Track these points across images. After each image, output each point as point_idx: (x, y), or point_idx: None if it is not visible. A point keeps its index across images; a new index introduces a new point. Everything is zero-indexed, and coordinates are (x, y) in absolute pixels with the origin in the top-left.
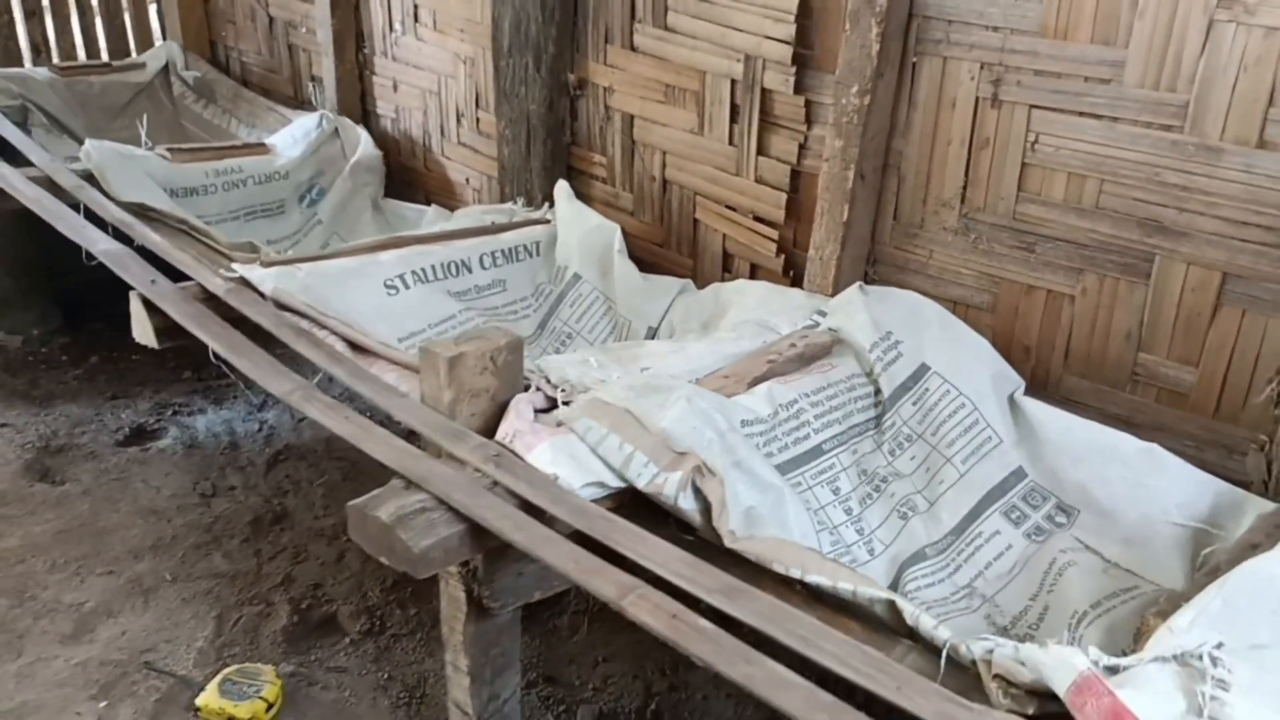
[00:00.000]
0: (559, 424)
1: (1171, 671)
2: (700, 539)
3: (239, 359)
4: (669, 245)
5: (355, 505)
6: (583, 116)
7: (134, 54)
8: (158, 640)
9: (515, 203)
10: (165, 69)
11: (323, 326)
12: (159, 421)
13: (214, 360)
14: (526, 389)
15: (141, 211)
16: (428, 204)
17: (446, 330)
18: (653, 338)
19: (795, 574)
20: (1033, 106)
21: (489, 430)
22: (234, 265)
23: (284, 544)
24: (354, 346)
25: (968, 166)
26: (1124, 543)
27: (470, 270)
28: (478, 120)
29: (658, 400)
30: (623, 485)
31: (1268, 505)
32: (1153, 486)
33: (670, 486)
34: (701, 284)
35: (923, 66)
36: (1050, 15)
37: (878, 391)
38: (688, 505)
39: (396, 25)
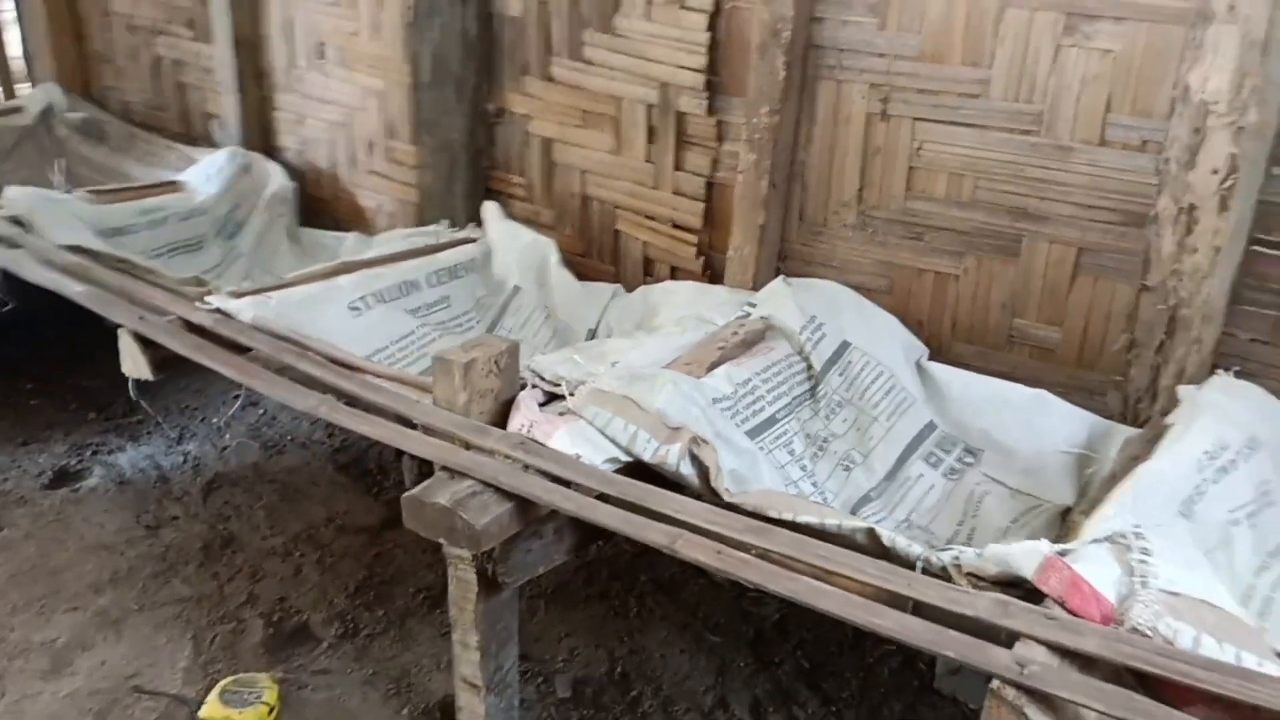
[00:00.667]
0: (563, 413)
1: (1107, 548)
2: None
3: (254, 381)
4: (591, 255)
5: (411, 496)
6: (501, 142)
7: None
8: (139, 666)
9: (441, 225)
10: (46, 111)
11: (306, 349)
12: (80, 462)
13: (133, 395)
14: (523, 388)
15: (79, 252)
16: (337, 231)
17: (407, 346)
18: (591, 339)
19: (788, 517)
20: (916, 119)
21: (497, 425)
22: (208, 298)
23: (239, 565)
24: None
25: (863, 172)
26: (1023, 473)
27: (420, 289)
28: (390, 149)
29: (647, 386)
30: (630, 460)
31: (1130, 430)
32: (1042, 425)
33: (672, 457)
34: (628, 288)
35: (821, 89)
36: (927, 43)
37: (810, 367)
38: (688, 471)
39: (300, 62)
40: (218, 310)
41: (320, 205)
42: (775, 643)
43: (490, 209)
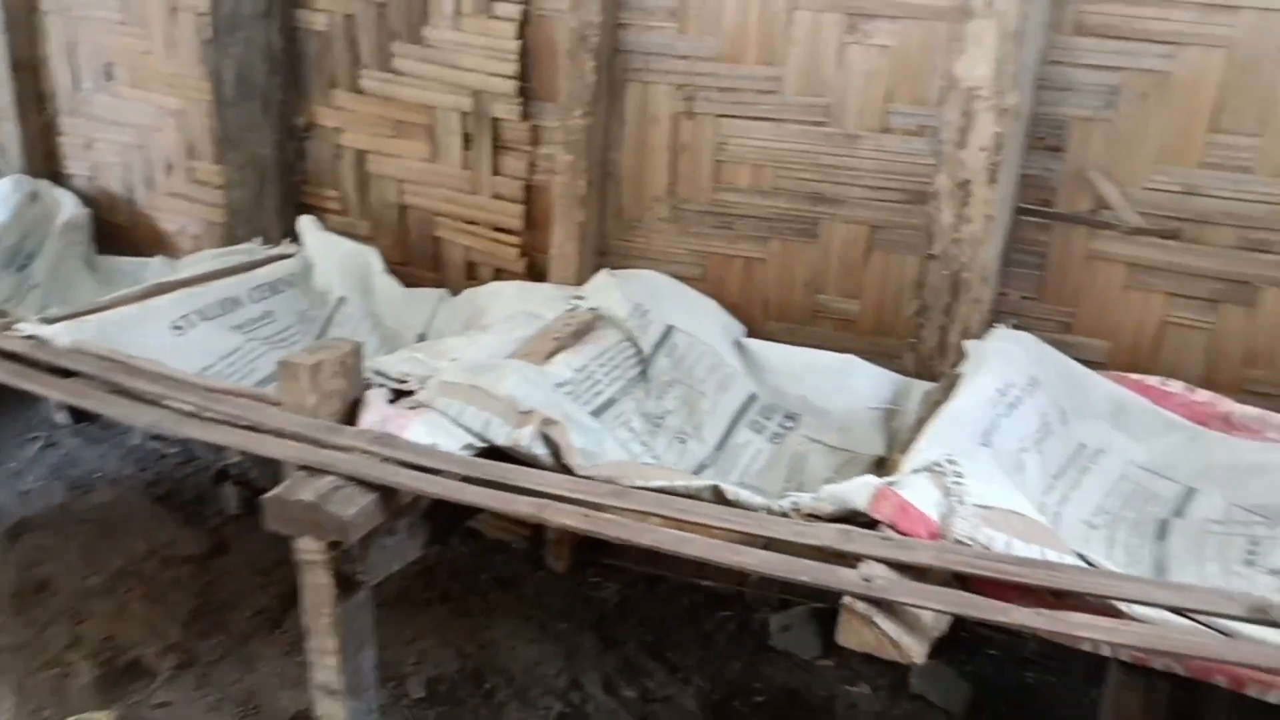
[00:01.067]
0: (414, 407)
1: (926, 476)
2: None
3: (88, 401)
4: (412, 263)
5: (273, 496)
6: (313, 156)
7: None
8: None
9: (254, 243)
10: None
11: (135, 368)
12: None
13: None
14: (367, 388)
15: None
16: (138, 257)
17: (235, 362)
18: (421, 343)
19: (640, 483)
20: (719, 116)
21: (347, 425)
22: (18, 325)
23: (57, 609)
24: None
25: (672, 167)
26: (839, 430)
27: (242, 304)
28: (192, 170)
29: (494, 375)
30: (485, 445)
31: (927, 384)
32: (851, 386)
33: (526, 438)
34: (453, 293)
35: (629, 91)
36: (725, 45)
37: (640, 351)
38: (541, 451)
39: (86, 84)
40: (31, 337)
41: (118, 231)
42: (619, 622)
43: (306, 223)
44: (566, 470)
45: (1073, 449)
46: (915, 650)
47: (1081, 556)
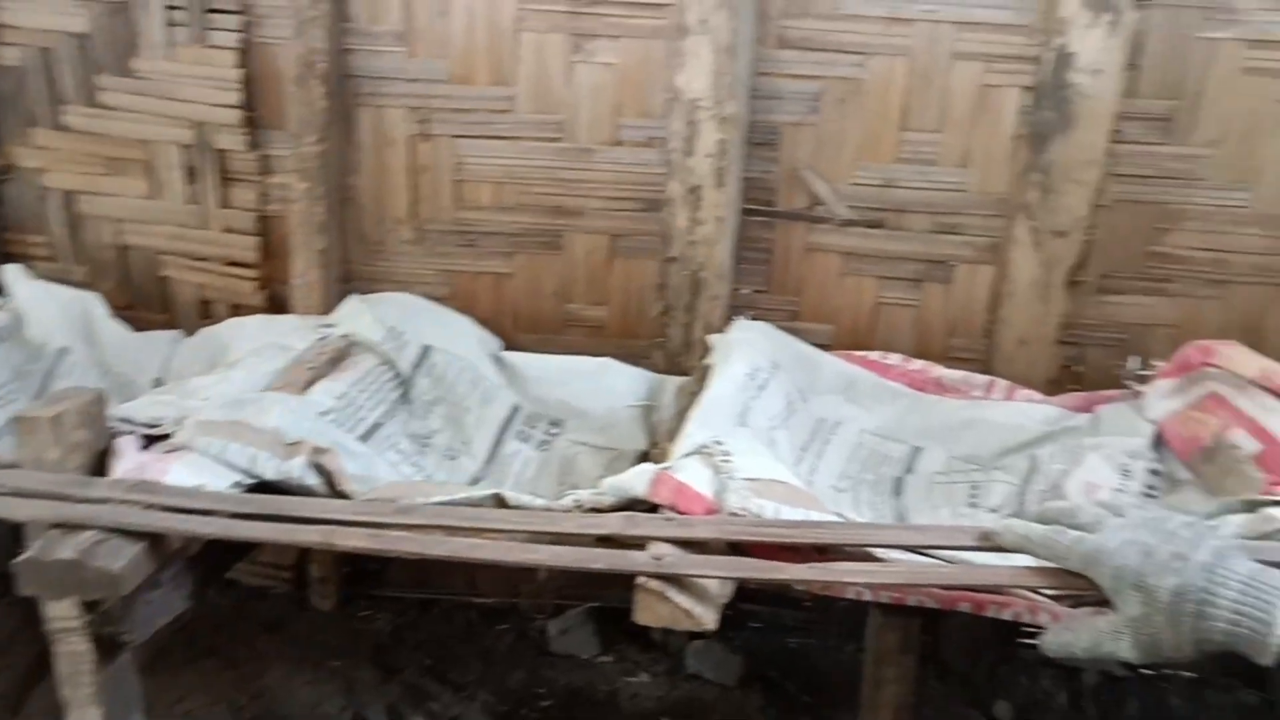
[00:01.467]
0: (171, 450)
1: (697, 458)
2: None
3: None
4: (138, 305)
5: (28, 559)
6: (12, 200)
7: None
8: None
9: None
10: None
11: None
12: None
13: None
14: (114, 436)
15: None
16: None
17: None
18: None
19: (420, 500)
20: (455, 136)
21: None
22: None
23: None
24: None
25: (413, 189)
26: (601, 430)
27: None
28: None
29: (256, 408)
30: (253, 481)
31: (678, 379)
32: (609, 387)
33: (297, 469)
34: (188, 333)
35: (362, 115)
36: (455, 67)
37: (399, 374)
38: (313, 481)
39: None
40: None
41: None
42: (396, 651)
43: (12, 272)
44: (343, 496)
45: (814, 423)
46: (707, 617)
47: (839, 515)
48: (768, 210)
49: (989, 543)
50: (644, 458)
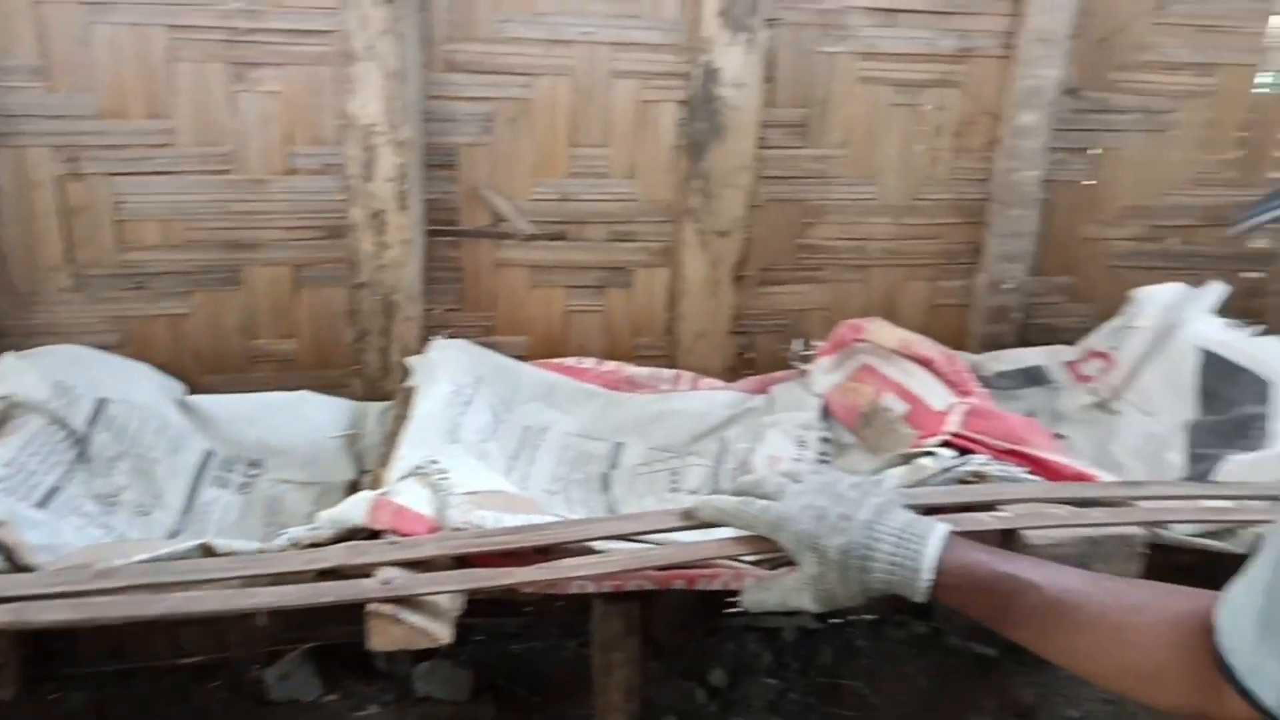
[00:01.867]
0: None
1: (413, 480)
2: None
3: None
4: None
5: None
6: None
7: None
8: None
9: None
10: None
11: None
12: None
13: None
14: None
15: None
16: None
17: None
18: None
19: (121, 562)
20: (111, 174)
21: None
22: None
23: None
24: None
25: (66, 233)
26: (305, 465)
27: None
28: None
29: None
30: None
31: (380, 404)
32: (309, 420)
33: None
34: None
35: (3, 157)
36: (105, 101)
37: (72, 432)
38: None
39: None
40: None
41: None
42: None
43: None
44: (28, 570)
45: (521, 431)
46: (442, 632)
47: (556, 516)
48: (453, 230)
49: (692, 521)
50: (354, 488)
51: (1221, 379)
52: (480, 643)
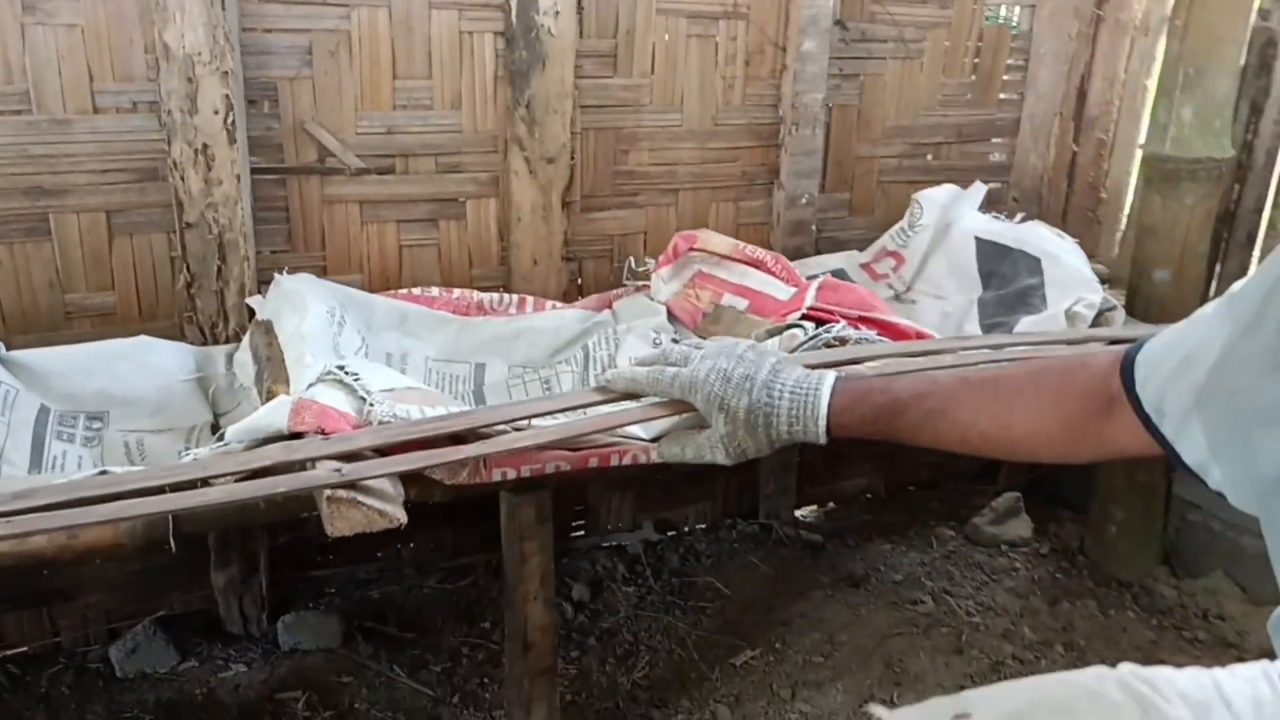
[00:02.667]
0: None
1: (327, 383)
2: None
3: None
4: None
5: None
6: None
7: None
8: None
9: None
10: None
11: None
12: None
13: None
14: None
15: None
16: None
17: None
18: None
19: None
20: None
21: None
22: None
23: None
24: None
25: None
26: (155, 413)
27: None
28: None
29: None
30: None
31: (224, 347)
32: (155, 365)
33: None
34: None
35: None
36: None
37: None
38: None
39: None
40: None
41: None
42: None
43: None
44: None
45: (384, 358)
46: (398, 514)
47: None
48: (278, 168)
49: (607, 395)
50: (214, 429)
51: (998, 260)
52: (337, 592)
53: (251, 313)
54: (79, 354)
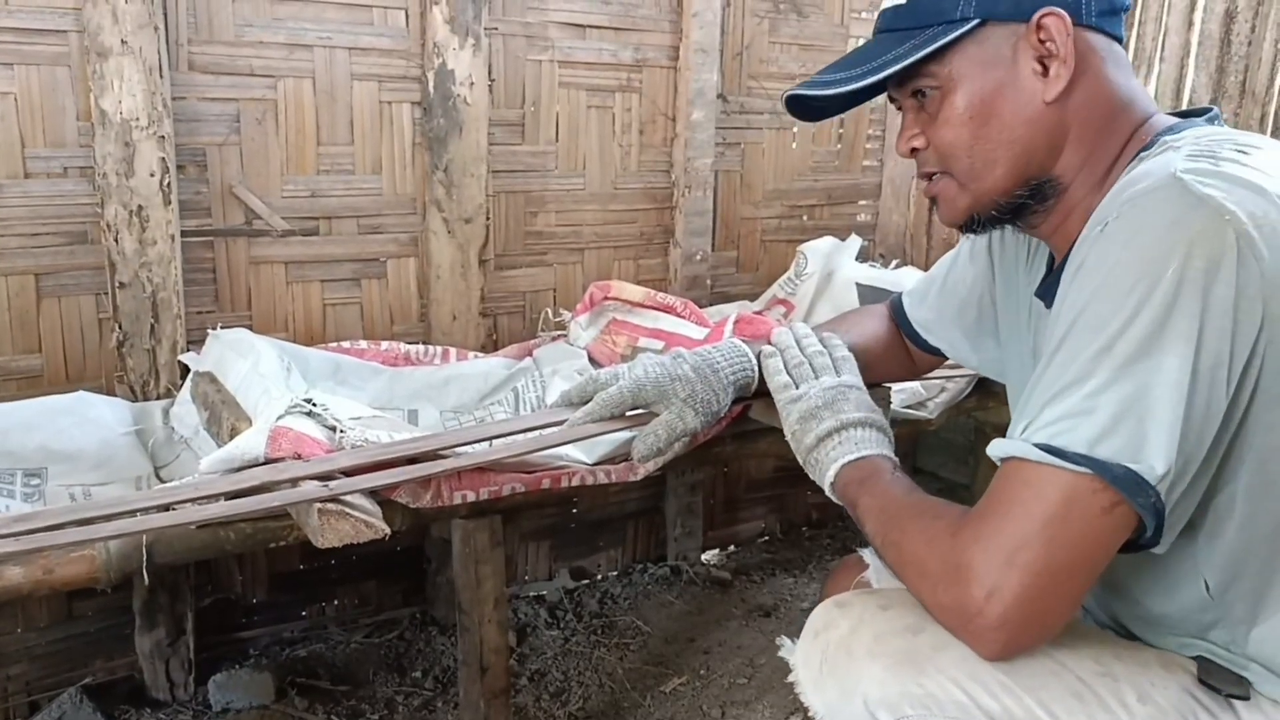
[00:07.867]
0: None
1: (295, 412)
2: None
3: None
4: None
5: None
6: None
7: None
8: None
9: None
10: None
11: None
12: None
13: None
14: None
15: None
16: None
17: None
18: None
19: None
20: None
21: None
22: None
23: None
24: None
25: None
26: (97, 467)
27: None
28: None
29: None
30: None
31: (160, 402)
32: (95, 418)
33: None
34: None
35: None
36: None
37: None
38: None
39: None
40: None
41: None
42: None
43: None
44: None
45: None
46: (383, 526)
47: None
48: (207, 230)
49: (575, 400)
50: (158, 479)
51: (878, 301)
52: (263, 653)
53: (184, 369)
54: (18, 413)
